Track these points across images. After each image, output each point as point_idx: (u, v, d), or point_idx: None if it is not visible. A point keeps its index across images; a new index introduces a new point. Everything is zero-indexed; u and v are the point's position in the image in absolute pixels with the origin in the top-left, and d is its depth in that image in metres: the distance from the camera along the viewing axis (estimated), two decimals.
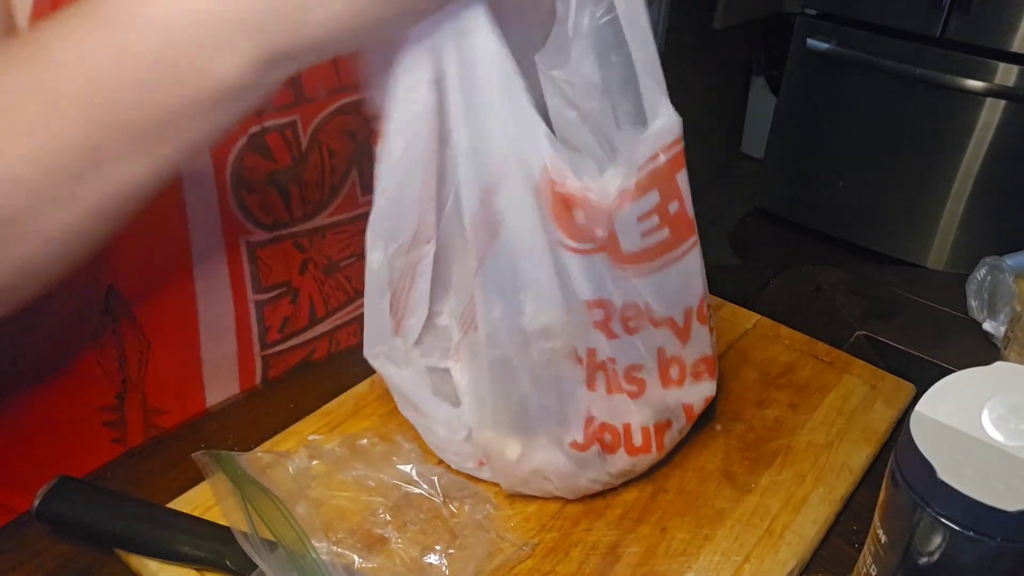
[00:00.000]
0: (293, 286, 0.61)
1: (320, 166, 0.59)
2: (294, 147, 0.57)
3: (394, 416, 0.54)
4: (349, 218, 0.63)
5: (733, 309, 0.67)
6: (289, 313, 0.61)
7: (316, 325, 0.63)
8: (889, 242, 2.22)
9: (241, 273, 0.58)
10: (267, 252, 0.58)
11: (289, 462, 0.48)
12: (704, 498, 0.49)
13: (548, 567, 0.45)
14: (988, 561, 0.34)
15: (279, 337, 0.62)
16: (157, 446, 0.54)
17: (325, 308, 0.64)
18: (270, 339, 0.61)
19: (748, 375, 0.60)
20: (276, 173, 0.56)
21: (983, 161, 1.98)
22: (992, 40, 1.88)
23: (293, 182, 0.58)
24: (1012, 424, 0.35)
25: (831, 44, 2.10)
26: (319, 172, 0.59)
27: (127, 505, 0.45)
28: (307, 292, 0.62)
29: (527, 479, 0.47)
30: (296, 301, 0.62)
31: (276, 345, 0.62)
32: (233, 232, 0.56)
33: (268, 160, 0.56)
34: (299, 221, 0.59)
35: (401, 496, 0.47)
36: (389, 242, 0.45)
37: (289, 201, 0.58)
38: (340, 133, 0.59)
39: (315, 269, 0.62)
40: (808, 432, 0.55)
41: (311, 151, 0.58)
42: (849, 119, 2.17)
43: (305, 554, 0.42)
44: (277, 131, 0.56)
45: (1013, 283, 0.66)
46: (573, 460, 0.46)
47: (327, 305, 0.64)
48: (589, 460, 0.46)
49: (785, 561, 0.46)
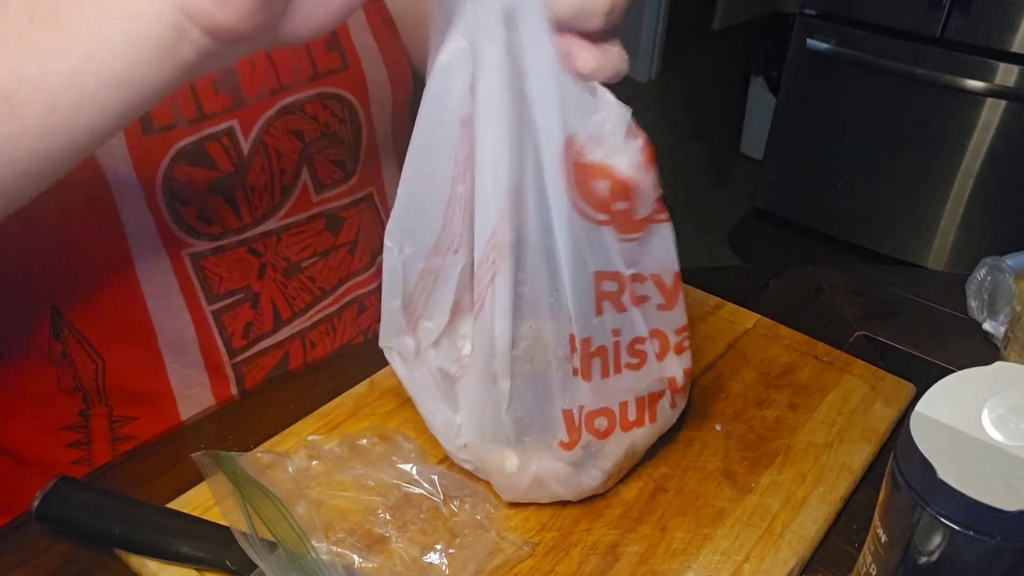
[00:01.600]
0: (252, 291, 0.60)
1: (267, 168, 0.58)
2: (233, 153, 0.56)
3: (394, 416, 0.54)
4: (306, 218, 0.62)
5: (733, 309, 0.67)
6: (251, 319, 0.61)
7: (283, 328, 0.63)
8: (889, 242, 2.22)
9: (191, 285, 0.57)
10: (213, 261, 0.58)
11: (288, 462, 0.48)
12: (704, 498, 0.49)
13: (548, 567, 0.45)
14: (988, 561, 0.34)
15: (244, 343, 0.61)
16: (157, 446, 0.54)
17: (290, 310, 0.63)
18: (235, 345, 0.60)
19: (748, 375, 0.60)
20: (217, 181, 0.56)
21: (983, 161, 1.98)
22: (992, 40, 1.88)
23: (238, 188, 0.57)
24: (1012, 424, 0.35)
25: (831, 44, 2.10)
26: (267, 175, 0.58)
27: (127, 505, 0.45)
28: (268, 296, 0.61)
29: (528, 490, 0.47)
30: (257, 306, 0.61)
31: (244, 351, 0.61)
32: (174, 246, 0.56)
33: (207, 168, 0.55)
34: (250, 226, 0.59)
35: (401, 496, 0.47)
36: (405, 245, 0.45)
37: (236, 207, 0.57)
38: (286, 134, 0.59)
39: (274, 272, 0.61)
40: (808, 432, 0.55)
41: (255, 155, 0.57)
42: (849, 119, 2.16)
43: (305, 554, 0.42)
44: (214, 139, 0.55)
45: (1013, 283, 0.66)
46: (567, 460, 0.46)
47: (292, 307, 0.63)
48: (582, 456, 0.46)
49: (785, 560, 0.46)
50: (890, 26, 2.01)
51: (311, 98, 0.60)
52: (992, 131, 1.94)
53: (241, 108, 0.56)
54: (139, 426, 0.59)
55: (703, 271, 0.74)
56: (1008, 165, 1.95)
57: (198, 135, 0.54)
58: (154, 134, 0.52)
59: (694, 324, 0.64)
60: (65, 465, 0.59)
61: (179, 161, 0.54)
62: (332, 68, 0.61)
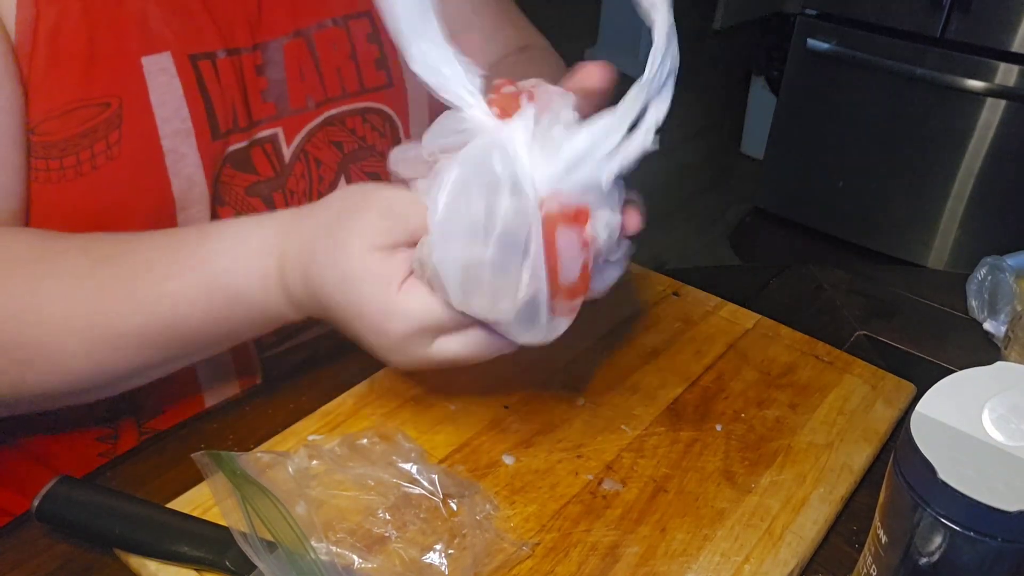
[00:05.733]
0: None
1: (307, 175, 0.59)
2: (275, 159, 0.57)
3: (394, 416, 0.54)
4: None
5: (733, 309, 0.67)
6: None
7: (314, 326, 0.63)
8: (889, 242, 2.22)
9: None
10: None
11: (289, 462, 0.48)
12: (704, 498, 0.49)
13: (548, 567, 0.45)
14: (988, 561, 0.34)
15: (275, 339, 0.61)
16: (157, 446, 0.54)
17: None
18: (266, 342, 0.61)
19: (748, 375, 0.60)
20: (257, 185, 0.57)
21: (983, 161, 1.98)
22: (992, 40, 1.88)
23: (277, 191, 0.58)
24: (1012, 424, 0.35)
25: (831, 44, 2.09)
26: (306, 182, 0.59)
27: (127, 505, 0.45)
28: None
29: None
30: None
31: (274, 347, 0.62)
32: None
33: (249, 173, 0.56)
34: None
35: (401, 496, 0.47)
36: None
37: (274, 210, 0.58)
38: (327, 144, 0.60)
39: None
40: (808, 432, 0.55)
41: (296, 162, 0.58)
42: (849, 119, 2.16)
43: (304, 554, 0.42)
44: (259, 144, 0.56)
45: (1013, 283, 0.66)
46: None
47: None
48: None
49: (785, 561, 0.46)
50: (890, 26, 2.01)
51: (354, 111, 0.61)
52: (992, 131, 1.94)
53: (286, 116, 0.57)
54: (164, 420, 0.59)
55: (703, 271, 0.74)
56: (1008, 165, 1.95)
57: (248, 140, 0.56)
58: (219, 139, 0.54)
59: (695, 324, 0.64)
60: (91, 459, 0.59)
61: (227, 164, 0.55)
62: (379, 85, 0.62)
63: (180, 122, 0.52)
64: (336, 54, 0.60)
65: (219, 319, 0.47)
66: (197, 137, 0.52)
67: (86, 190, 0.50)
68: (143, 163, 0.51)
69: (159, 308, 0.46)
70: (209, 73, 0.53)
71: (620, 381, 0.58)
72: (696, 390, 0.58)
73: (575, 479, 0.50)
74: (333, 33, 0.60)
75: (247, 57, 0.55)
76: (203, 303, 0.46)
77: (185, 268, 0.46)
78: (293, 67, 0.58)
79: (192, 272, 0.46)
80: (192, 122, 0.52)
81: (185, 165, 0.52)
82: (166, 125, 0.51)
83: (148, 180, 0.51)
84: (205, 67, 0.53)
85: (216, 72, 0.53)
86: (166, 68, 0.51)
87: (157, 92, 0.51)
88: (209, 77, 0.53)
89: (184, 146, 0.52)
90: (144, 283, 0.46)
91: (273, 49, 0.57)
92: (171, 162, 0.52)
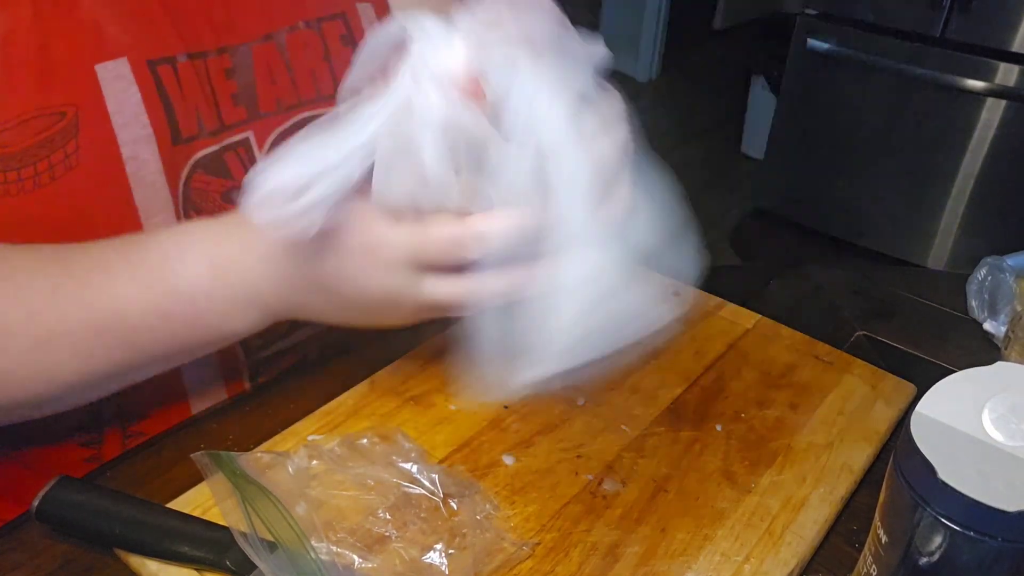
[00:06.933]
0: None
1: None
2: (248, 163, 0.57)
3: (394, 416, 0.54)
4: None
5: (733, 309, 0.67)
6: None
7: (299, 330, 0.63)
8: (889, 242, 2.22)
9: None
10: None
11: (289, 462, 0.48)
12: (704, 498, 0.49)
13: (548, 567, 0.45)
14: (988, 561, 0.34)
15: (261, 343, 0.61)
16: (157, 446, 0.54)
17: None
18: (252, 346, 0.60)
19: (748, 375, 0.60)
20: (232, 191, 0.56)
21: (983, 161, 1.98)
22: (992, 40, 1.88)
23: None
24: (1012, 424, 0.35)
25: (831, 44, 2.09)
26: None
27: (127, 505, 0.45)
28: None
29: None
30: None
31: (261, 351, 0.61)
32: None
33: (223, 178, 0.56)
34: None
35: (401, 495, 0.47)
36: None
37: None
38: None
39: None
40: (808, 432, 0.55)
41: None
42: (849, 119, 2.16)
43: (304, 554, 0.42)
44: (231, 149, 0.56)
45: (1014, 283, 0.66)
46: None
47: None
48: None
49: (785, 561, 0.46)
50: (891, 26, 2.00)
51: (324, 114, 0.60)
52: (992, 131, 1.94)
53: (257, 120, 0.57)
54: (150, 424, 0.59)
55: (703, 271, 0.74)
56: (1008, 165, 1.95)
57: (218, 145, 0.55)
58: (181, 144, 0.53)
59: (695, 324, 0.64)
60: (77, 464, 0.58)
61: (198, 170, 0.54)
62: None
63: (140, 128, 0.51)
64: (309, 57, 0.59)
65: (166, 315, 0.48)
66: (159, 143, 0.52)
67: (46, 201, 0.49)
68: (103, 172, 0.50)
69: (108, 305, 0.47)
70: (169, 78, 0.52)
71: (620, 381, 0.58)
72: (696, 390, 0.58)
73: (575, 479, 0.50)
74: (305, 35, 0.59)
75: (212, 61, 0.55)
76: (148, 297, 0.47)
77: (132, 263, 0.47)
78: (263, 70, 0.57)
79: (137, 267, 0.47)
80: (152, 128, 0.51)
81: (147, 172, 0.52)
82: (125, 132, 0.50)
83: (109, 189, 0.51)
84: (165, 72, 0.52)
85: (177, 76, 0.53)
86: (123, 74, 0.50)
87: (114, 99, 0.50)
88: (169, 82, 0.52)
89: (145, 152, 0.51)
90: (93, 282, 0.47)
91: (242, 53, 0.56)
92: (132, 170, 0.51)
